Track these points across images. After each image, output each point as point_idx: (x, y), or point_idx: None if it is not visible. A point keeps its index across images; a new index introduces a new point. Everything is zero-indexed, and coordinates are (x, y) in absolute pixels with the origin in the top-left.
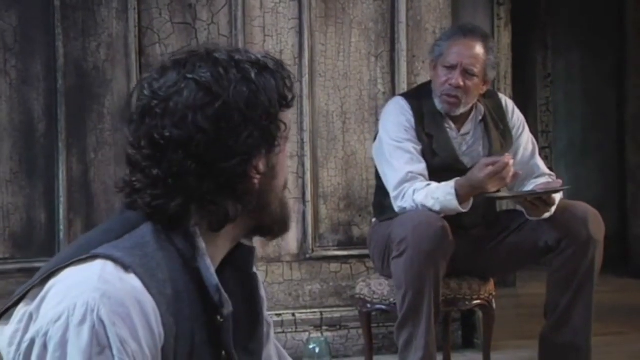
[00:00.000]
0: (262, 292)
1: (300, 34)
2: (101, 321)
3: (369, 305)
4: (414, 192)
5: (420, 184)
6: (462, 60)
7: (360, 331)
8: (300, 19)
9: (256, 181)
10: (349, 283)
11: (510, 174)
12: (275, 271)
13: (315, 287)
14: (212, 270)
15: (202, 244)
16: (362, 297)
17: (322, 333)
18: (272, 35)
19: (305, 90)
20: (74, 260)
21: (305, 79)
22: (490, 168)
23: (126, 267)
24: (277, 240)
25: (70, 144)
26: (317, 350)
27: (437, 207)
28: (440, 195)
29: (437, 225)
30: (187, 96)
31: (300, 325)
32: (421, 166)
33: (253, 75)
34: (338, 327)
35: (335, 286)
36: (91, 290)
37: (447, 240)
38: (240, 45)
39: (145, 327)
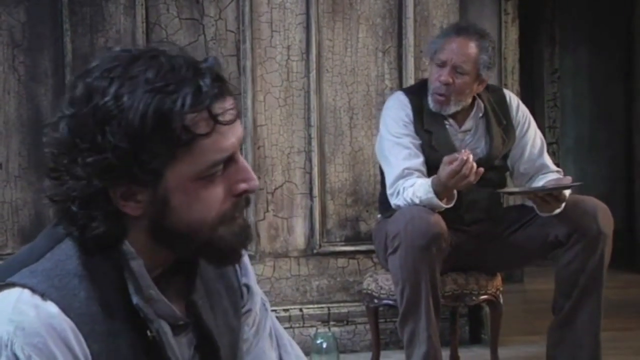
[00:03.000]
0: (237, 296)
1: (307, 29)
2: (15, 355)
3: (376, 301)
4: (403, 189)
5: (411, 180)
6: (451, 57)
7: (368, 326)
8: (307, 14)
9: (130, 209)
10: (356, 278)
11: (473, 170)
12: (283, 266)
13: (323, 283)
14: (144, 278)
15: (130, 249)
16: (369, 292)
17: (329, 328)
18: (279, 31)
19: (313, 86)
20: None
21: (313, 74)
22: (451, 167)
23: (41, 294)
24: (284, 235)
25: None
26: (324, 345)
27: (423, 205)
28: (422, 193)
29: (429, 220)
30: (69, 96)
31: (307, 321)
32: (418, 161)
33: (125, 98)
34: (345, 322)
35: (343, 281)
36: (5, 322)
37: (440, 234)
38: (248, 42)
39: (65, 353)
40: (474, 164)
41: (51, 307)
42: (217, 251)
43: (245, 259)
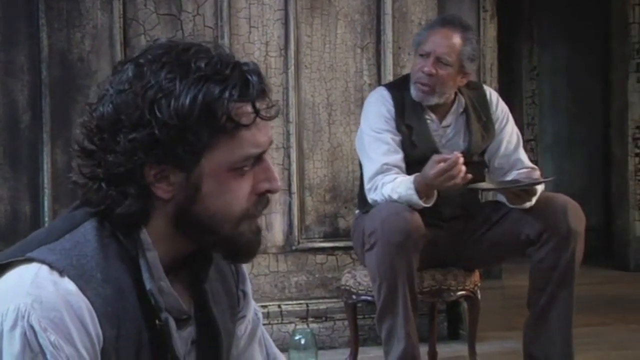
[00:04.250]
0: (234, 300)
1: (286, 25)
2: (31, 327)
3: (354, 297)
4: (382, 185)
5: (390, 176)
6: (435, 48)
7: (346, 322)
8: (286, 10)
9: (161, 191)
10: (335, 274)
11: (462, 173)
12: (261, 263)
13: (301, 279)
14: (157, 270)
15: (147, 239)
16: (347, 288)
17: (307, 324)
18: (257, 27)
19: (291, 82)
20: (12, 260)
21: (291, 70)
22: (440, 165)
23: (60, 271)
24: (262, 231)
25: (54, 135)
26: (302, 341)
27: (401, 201)
28: (402, 190)
29: (406, 217)
30: (116, 77)
31: (286, 317)
32: (398, 157)
33: (177, 81)
34: (324, 318)
35: (321, 278)
36: (23, 295)
37: (417, 231)
38: (226, 37)
39: (80, 330)
40: (463, 167)
41: (69, 284)
42: (235, 246)
43: (243, 266)
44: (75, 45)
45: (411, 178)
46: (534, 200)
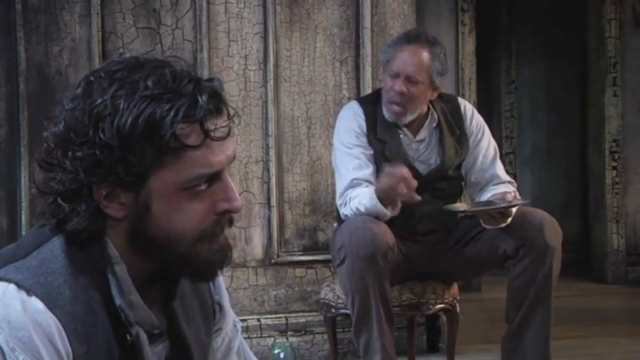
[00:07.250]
0: (210, 314)
1: (265, 39)
2: None
3: (333, 310)
4: (350, 199)
5: (358, 190)
6: (404, 68)
7: (326, 336)
8: (265, 24)
9: (113, 210)
10: (314, 288)
11: (410, 189)
12: (240, 276)
13: (281, 292)
14: (126, 284)
15: (114, 253)
16: (326, 301)
17: (287, 338)
18: (236, 40)
19: (270, 95)
20: None
21: (270, 84)
22: (387, 180)
23: (27, 290)
24: (242, 245)
25: (32, 149)
26: (282, 355)
27: (369, 213)
28: (366, 201)
29: (373, 229)
30: (71, 93)
31: (265, 331)
32: (367, 172)
33: (122, 100)
34: (303, 332)
35: (301, 291)
36: None
37: (385, 242)
38: (205, 51)
39: (49, 349)
40: (412, 182)
41: (37, 303)
42: (192, 266)
43: (220, 279)
44: (53, 59)
45: (373, 188)
46: (508, 220)
